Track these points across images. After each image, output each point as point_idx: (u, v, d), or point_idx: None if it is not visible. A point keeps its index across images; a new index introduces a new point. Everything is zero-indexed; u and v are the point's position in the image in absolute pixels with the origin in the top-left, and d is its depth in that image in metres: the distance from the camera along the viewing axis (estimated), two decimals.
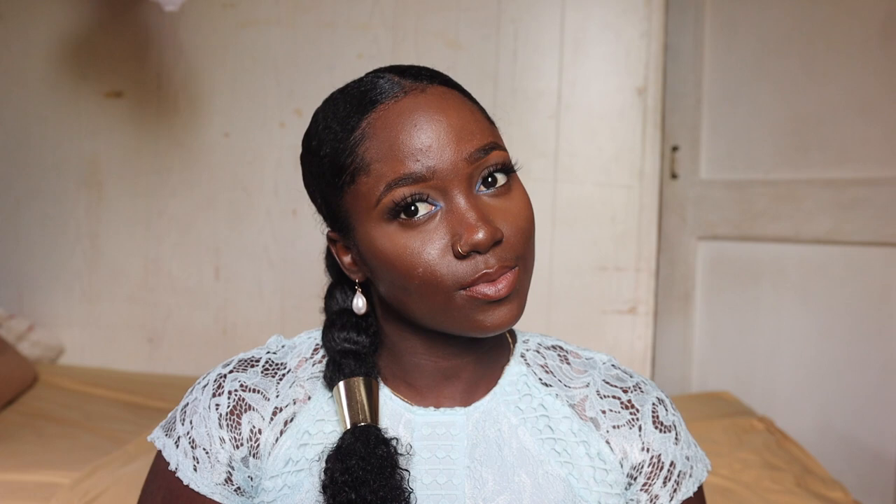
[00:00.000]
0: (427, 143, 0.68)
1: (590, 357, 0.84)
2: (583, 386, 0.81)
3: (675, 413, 0.83)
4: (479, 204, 0.70)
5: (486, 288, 0.69)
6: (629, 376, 0.83)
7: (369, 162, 0.70)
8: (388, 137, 0.69)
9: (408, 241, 0.69)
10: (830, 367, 2.17)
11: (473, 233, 0.67)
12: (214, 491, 0.76)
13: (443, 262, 0.69)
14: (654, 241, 2.34)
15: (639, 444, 0.79)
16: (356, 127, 0.71)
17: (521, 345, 0.84)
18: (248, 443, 0.76)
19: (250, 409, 0.77)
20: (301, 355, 0.82)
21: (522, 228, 0.71)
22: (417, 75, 0.73)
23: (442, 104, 0.71)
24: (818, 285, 2.20)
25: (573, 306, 2.36)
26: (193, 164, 2.49)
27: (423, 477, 0.76)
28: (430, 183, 0.68)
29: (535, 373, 0.82)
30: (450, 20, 2.37)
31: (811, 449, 1.94)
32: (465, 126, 0.70)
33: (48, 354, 2.52)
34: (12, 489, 1.56)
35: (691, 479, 0.81)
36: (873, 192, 2.10)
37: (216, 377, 0.79)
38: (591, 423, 0.79)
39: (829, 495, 1.62)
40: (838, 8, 2.16)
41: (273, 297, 2.47)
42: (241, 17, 2.45)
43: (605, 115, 2.34)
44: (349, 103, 0.73)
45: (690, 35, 2.38)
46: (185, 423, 0.78)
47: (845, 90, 2.15)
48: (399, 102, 0.70)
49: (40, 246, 2.58)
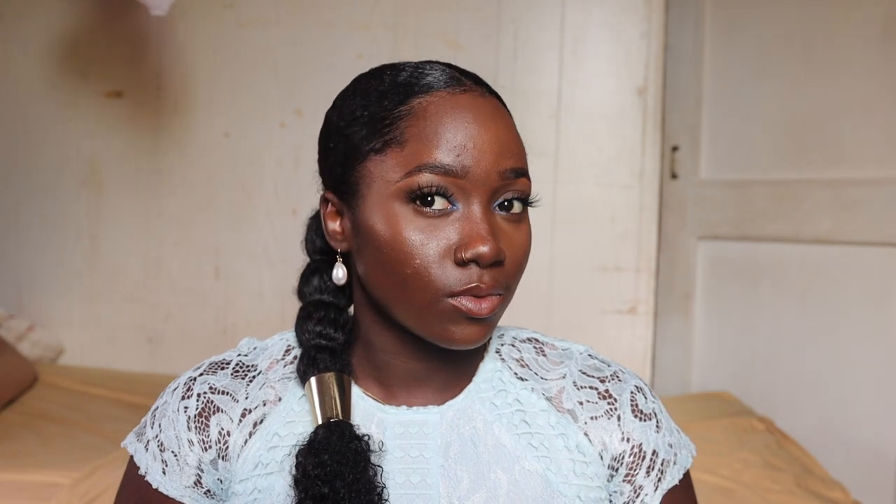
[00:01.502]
0: (471, 142, 0.69)
1: (566, 348, 0.83)
2: (559, 377, 0.80)
3: (654, 401, 0.81)
4: (493, 220, 0.70)
5: (470, 302, 0.69)
6: (606, 366, 0.82)
7: (408, 138, 0.69)
8: (436, 123, 0.69)
9: (414, 228, 0.69)
10: (830, 367, 2.17)
11: (481, 244, 0.68)
12: (184, 494, 0.75)
13: (440, 263, 0.68)
14: (654, 241, 2.34)
15: (618, 435, 0.78)
16: (405, 101, 0.71)
17: (495, 340, 0.83)
18: (216, 445, 0.76)
19: (219, 412, 0.76)
20: (272, 357, 0.81)
21: (519, 261, 0.72)
22: (478, 81, 0.75)
23: (495, 115, 0.71)
24: (818, 285, 2.20)
25: (573, 306, 2.36)
26: (193, 164, 2.49)
27: (395, 476, 0.75)
28: (458, 181, 0.68)
29: (510, 367, 0.81)
30: (450, 20, 2.37)
31: (811, 449, 1.94)
32: (509, 144, 0.71)
33: (48, 354, 2.52)
34: (12, 489, 1.56)
35: (675, 466, 0.80)
36: (873, 192, 2.09)
37: (186, 380, 0.79)
38: (568, 415, 0.78)
39: (829, 495, 1.62)
40: (838, 8, 2.16)
41: (273, 297, 2.47)
42: (241, 17, 2.45)
43: (605, 115, 2.34)
44: (402, 79, 0.73)
45: (690, 35, 2.38)
46: (155, 426, 0.78)
47: (845, 90, 2.15)
48: (457, 96, 0.71)
49: (40, 246, 2.58)
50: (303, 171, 2.44)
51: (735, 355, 2.35)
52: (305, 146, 2.43)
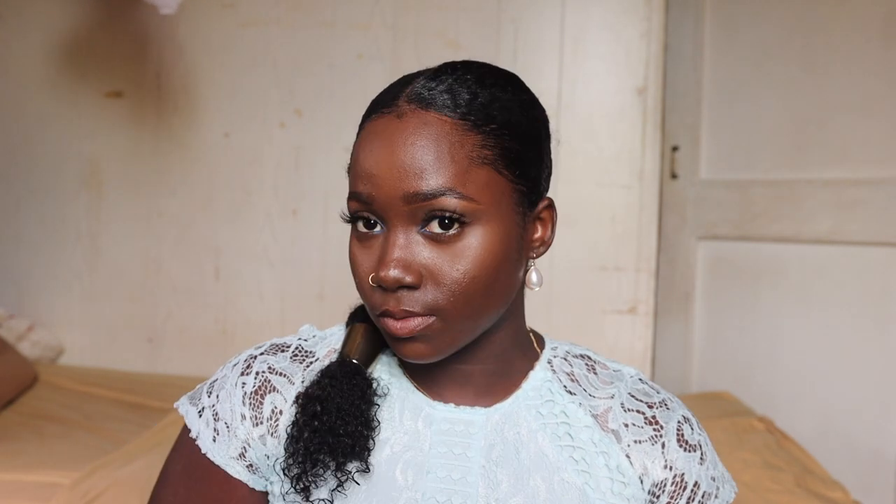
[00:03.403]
0: (374, 170, 0.70)
1: (618, 369, 0.84)
2: (607, 397, 0.81)
3: (700, 433, 0.82)
4: (409, 243, 0.70)
5: (390, 323, 0.71)
6: (656, 392, 0.83)
7: (352, 163, 0.74)
8: (359, 151, 0.72)
9: (355, 248, 0.74)
10: (830, 367, 2.17)
11: (381, 269, 0.69)
12: (228, 463, 0.78)
13: (367, 282, 0.72)
14: (654, 241, 2.34)
15: (661, 462, 0.78)
16: (361, 125, 0.75)
17: (548, 351, 0.84)
18: (267, 422, 0.78)
19: (274, 391, 0.79)
20: (330, 346, 0.83)
21: (454, 281, 0.69)
22: (421, 92, 0.71)
23: (408, 135, 0.69)
24: (818, 285, 2.20)
25: (573, 306, 2.36)
26: (193, 164, 2.49)
27: (437, 470, 0.76)
28: (372, 207, 0.71)
29: (559, 380, 0.81)
30: (450, 20, 2.37)
31: (811, 449, 1.94)
32: (419, 164, 0.68)
33: (48, 354, 2.52)
34: (12, 489, 1.56)
35: (717, 500, 0.80)
36: (873, 192, 2.09)
37: (247, 357, 0.82)
38: (612, 434, 0.79)
39: (829, 495, 1.62)
40: (838, 8, 2.16)
41: (273, 297, 2.47)
42: (241, 17, 2.45)
43: (605, 115, 2.34)
44: (380, 94, 0.75)
45: (690, 35, 2.38)
46: (212, 396, 0.81)
47: (845, 90, 2.15)
48: (374, 121, 0.72)
49: (40, 246, 2.58)
50: (303, 171, 2.44)
51: (735, 355, 2.35)
52: (305, 146, 2.43)
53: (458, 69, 0.74)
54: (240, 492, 0.79)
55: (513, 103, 0.74)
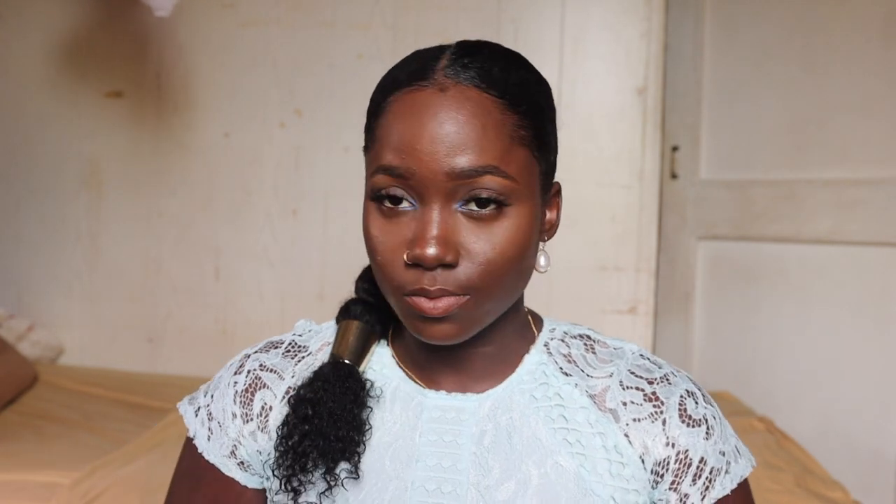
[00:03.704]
0: (417, 144, 0.67)
1: (618, 346, 0.81)
2: (605, 376, 0.78)
3: (707, 406, 0.78)
4: (449, 221, 0.68)
5: (423, 302, 0.68)
6: (658, 367, 0.79)
7: (378, 137, 0.71)
8: (391, 123, 0.69)
9: (378, 225, 0.70)
10: (830, 367, 2.17)
11: (421, 247, 0.67)
12: (220, 462, 0.80)
13: (395, 261, 0.69)
14: (654, 241, 2.34)
15: (662, 439, 0.75)
16: (384, 99, 0.71)
17: (546, 333, 0.81)
18: (257, 418, 0.79)
19: (264, 388, 0.80)
20: (324, 339, 0.83)
21: (488, 261, 0.68)
22: (457, 67, 0.69)
23: (452, 110, 0.67)
24: (818, 285, 2.20)
25: (573, 306, 2.36)
26: (193, 164, 2.49)
27: (427, 458, 0.75)
28: (409, 183, 0.68)
29: (556, 361, 0.79)
30: (450, 20, 2.37)
31: (811, 449, 1.93)
32: (466, 140, 0.67)
33: (48, 354, 2.52)
34: (12, 489, 1.56)
35: (727, 475, 0.76)
36: (873, 192, 2.10)
37: (241, 357, 0.83)
38: (609, 414, 0.76)
39: (829, 495, 1.62)
40: (838, 8, 2.16)
41: (273, 297, 2.47)
42: (241, 17, 2.45)
43: (605, 114, 2.34)
44: (393, 73, 0.73)
45: (690, 35, 2.38)
46: (208, 395, 0.83)
47: (845, 90, 2.15)
48: (415, 94, 0.69)
49: (40, 246, 2.58)
50: (303, 171, 2.44)
51: (735, 355, 2.35)
52: (305, 146, 2.43)
53: (483, 47, 0.74)
54: (235, 489, 0.80)
55: (537, 85, 0.75)
